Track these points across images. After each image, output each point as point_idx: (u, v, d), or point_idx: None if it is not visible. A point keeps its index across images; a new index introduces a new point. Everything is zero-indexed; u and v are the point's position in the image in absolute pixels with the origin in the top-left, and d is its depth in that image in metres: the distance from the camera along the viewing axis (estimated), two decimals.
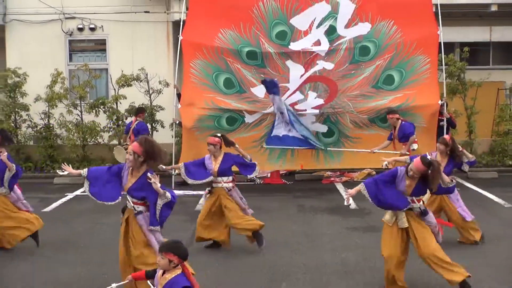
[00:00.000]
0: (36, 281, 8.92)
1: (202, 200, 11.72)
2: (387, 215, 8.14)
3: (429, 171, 7.73)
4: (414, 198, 7.97)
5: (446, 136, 11.30)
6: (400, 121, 14.24)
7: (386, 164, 10.85)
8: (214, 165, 10.37)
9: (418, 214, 8.02)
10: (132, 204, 7.74)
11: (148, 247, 7.73)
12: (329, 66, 15.66)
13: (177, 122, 16.49)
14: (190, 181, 10.57)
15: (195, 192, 15.36)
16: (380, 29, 15.68)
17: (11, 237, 10.46)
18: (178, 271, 5.74)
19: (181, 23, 16.30)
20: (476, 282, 8.10)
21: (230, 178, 10.48)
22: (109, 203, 7.94)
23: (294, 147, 15.59)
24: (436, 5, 15.55)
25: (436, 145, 15.45)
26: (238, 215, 10.21)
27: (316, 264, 9.44)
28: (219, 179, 10.35)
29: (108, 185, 7.94)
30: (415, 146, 13.30)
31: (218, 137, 10.49)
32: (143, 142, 7.70)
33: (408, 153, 13.02)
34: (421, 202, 8.10)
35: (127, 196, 7.82)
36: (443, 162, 10.29)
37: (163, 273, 5.77)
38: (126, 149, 11.59)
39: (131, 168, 7.73)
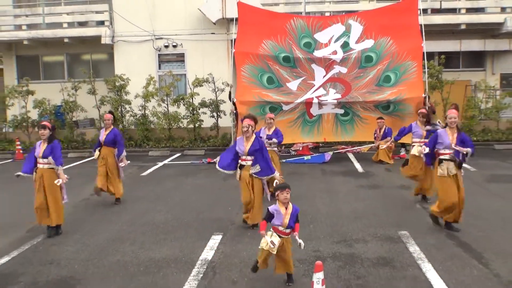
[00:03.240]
0: (137, 223, 9.10)
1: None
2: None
3: None
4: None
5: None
6: (385, 125, 14.85)
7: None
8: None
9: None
10: (43, 164, 8.24)
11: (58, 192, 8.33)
12: (343, 70, 15.63)
13: (234, 111, 16.54)
14: None
15: None
16: (380, 43, 15.60)
17: None
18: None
19: None
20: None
21: None
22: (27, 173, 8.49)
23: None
24: (421, 25, 15.33)
25: None
26: None
27: (334, 212, 9.45)
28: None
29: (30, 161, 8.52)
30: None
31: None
32: (51, 124, 8.48)
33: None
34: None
35: (40, 160, 8.26)
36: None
37: (286, 208, 6.00)
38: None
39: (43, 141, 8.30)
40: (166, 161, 16.52)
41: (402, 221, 8.60)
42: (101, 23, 21.66)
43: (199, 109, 19.17)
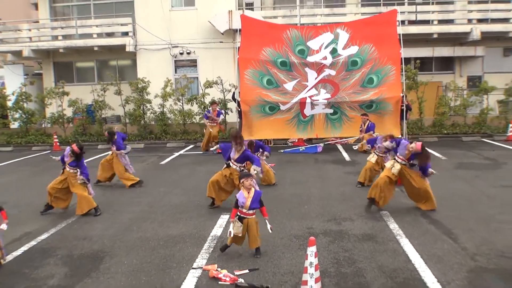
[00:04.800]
0: (156, 205, 9.10)
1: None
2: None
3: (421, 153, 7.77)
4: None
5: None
6: (368, 121, 14.60)
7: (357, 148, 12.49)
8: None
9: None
10: (69, 169, 8.46)
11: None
12: (332, 72, 15.49)
13: (238, 109, 16.46)
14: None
15: None
16: (364, 50, 15.46)
17: None
18: (254, 188, 6.19)
19: None
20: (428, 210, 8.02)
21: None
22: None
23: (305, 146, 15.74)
24: (399, 34, 15.23)
25: (399, 122, 15.35)
26: None
27: (325, 195, 9.44)
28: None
29: None
30: (374, 135, 13.15)
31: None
32: (80, 144, 8.54)
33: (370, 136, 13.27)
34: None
35: (67, 166, 8.50)
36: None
37: (248, 192, 6.10)
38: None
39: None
40: (181, 152, 16.48)
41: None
42: (126, 34, 21.54)
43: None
